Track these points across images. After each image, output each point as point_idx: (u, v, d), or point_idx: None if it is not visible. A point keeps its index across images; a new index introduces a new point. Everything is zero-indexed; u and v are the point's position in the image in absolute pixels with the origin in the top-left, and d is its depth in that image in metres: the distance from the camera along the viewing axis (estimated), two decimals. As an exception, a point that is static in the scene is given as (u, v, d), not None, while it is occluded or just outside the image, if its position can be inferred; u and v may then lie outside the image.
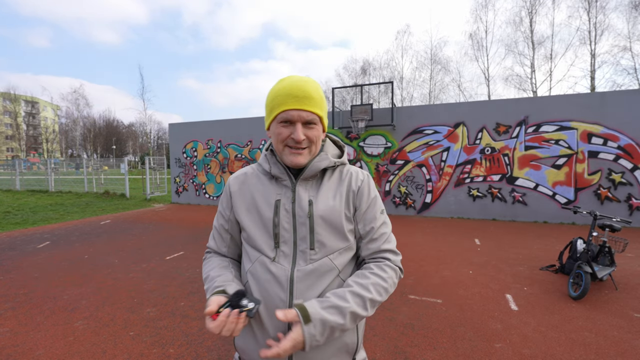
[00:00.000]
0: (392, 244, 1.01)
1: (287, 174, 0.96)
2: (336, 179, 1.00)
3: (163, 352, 2.53)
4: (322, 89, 0.96)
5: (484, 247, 5.62)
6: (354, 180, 1.00)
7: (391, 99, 9.09)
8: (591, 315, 3.10)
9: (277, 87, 0.92)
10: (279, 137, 0.91)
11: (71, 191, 14.93)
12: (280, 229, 0.93)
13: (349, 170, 1.03)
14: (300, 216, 0.93)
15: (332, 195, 0.97)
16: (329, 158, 0.98)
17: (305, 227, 0.92)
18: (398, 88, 26.83)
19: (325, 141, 1.05)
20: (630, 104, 7.18)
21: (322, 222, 0.93)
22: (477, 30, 24.65)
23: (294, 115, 0.88)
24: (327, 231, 0.93)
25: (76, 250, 5.46)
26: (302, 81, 0.91)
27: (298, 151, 0.91)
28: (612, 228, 3.82)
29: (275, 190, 0.97)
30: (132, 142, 61.13)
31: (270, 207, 0.95)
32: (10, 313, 3.17)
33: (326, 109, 0.96)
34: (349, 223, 0.97)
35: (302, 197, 0.94)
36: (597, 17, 19.80)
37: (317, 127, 0.92)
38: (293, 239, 0.93)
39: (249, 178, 1.03)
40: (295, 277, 0.90)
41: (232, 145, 11.24)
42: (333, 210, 0.94)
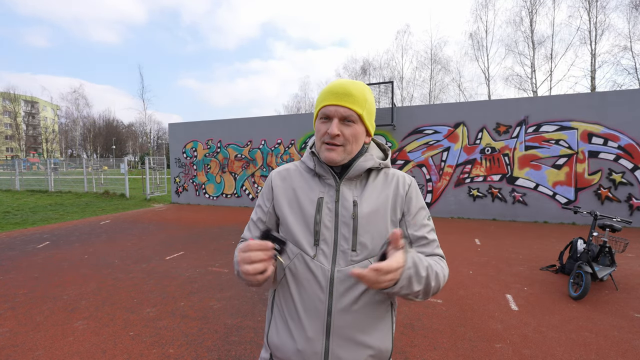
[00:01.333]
0: (441, 250, 0.99)
1: (330, 173, 0.94)
2: (381, 181, 0.98)
3: (163, 352, 2.53)
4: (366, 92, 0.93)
5: (484, 247, 5.62)
6: (401, 183, 0.98)
7: (391, 99, 9.09)
8: (591, 315, 3.10)
9: (326, 87, 0.93)
10: (318, 134, 0.92)
11: (71, 191, 14.92)
12: (321, 226, 0.91)
13: (395, 173, 1.01)
14: (343, 216, 0.91)
15: (376, 197, 0.94)
16: (374, 159, 0.96)
17: (348, 228, 0.90)
18: (398, 88, 26.84)
19: (369, 144, 1.03)
20: (630, 104, 7.18)
21: (366, 223, 0.91)
22: (477, 30, 24.70)
23: (331, 110, 0.88)
24: (370, 233, 0.91)
25: (76, 250, 5.46)
26: (347, 81, 0.92)
27: (332, 147, 0.89)
28: (612, 228, 3.82)
29: (319, 188, 0.95)
30: (132, 142, 61.15)
31: (313, 204, 0.93)
32: (10, 313, 3.17)
33: (372, 110, 0.94)
34: (394, 226, 0.95)
35: (346, 197, 0.93)
36: (598, 17, 19.79)
37: (355, 125, 0.90)
38: (334, 238, 0.91)
39: (292, 174, 1.02)
40: (336, 277, 0.88)
41: (232, 145, 11.23)
42: (378, 212, 0.92)
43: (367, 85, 0.94)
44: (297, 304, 0.91)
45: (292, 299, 0.92)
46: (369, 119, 0.93)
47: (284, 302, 0.96)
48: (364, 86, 0.92)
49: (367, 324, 0.90)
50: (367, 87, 0.93)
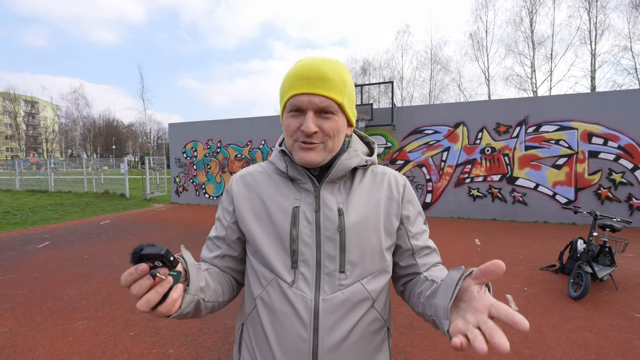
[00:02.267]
0: (439, 255, 0.88)
1: (307, 175, 0.77)
2: (369, 182, 0.82)
3: (163, 352, 2.53)
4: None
5: (484, 247, 5.62)
6: (395, 185, 0.83)
7: (391, 98, 9.09)
8: (591, 315, 3.10)
9: (290, 69, 0.74)
10: (288, 130, 0.73)
11: (71, 191, 14.92)
12: (299, 244, 0.74)
13: (385, 172, 0.85)
14: (327, 229, 0.74)
15: (365, 202, 0.78)
16: (360, 155, 0.79)
17: (333, 244, 0.74)
18: (398, 88, 26.85)
19: (351, 136, 0.86)
20: (630, 104, 7.18)
21: (355, 237, 0.74)
22: (477, 30, 24.74)
23: (303, 101, 0.70)
24: (361, 249, 0.75)
25: (76, 250, 5.46)
26: (318, 60, 0.72)
27: (308, 146, 0.71)
28: (612, 228, 3.82)
29: (293, 195, 0.77)
30: (132, 142, 61.16)
31: (287, 215, 0.75)
32: (10, 313, 3.17)
33: (352, 95, 0.76)
34: (389, 238, 0.80)
35: (329, 205, 0.75)
36: (598, 17, 19.80)
37: (335, 117, 0.72)
38: (316, 257, 0.74)
39: (258, 178, 0.83)
40: (322, 308, 0.71)
41: (232, 145, 11.23)
42: (368, 221, 0.77)
43: (343, 64, 0.76)
44: (273, 344, 0.73)
45: (266, 337, 0.75)
46: (350, 107, 0.76)
47: (254, 341, 0.78)
48: (341, 65, 0.75)
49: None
50: (344, 65, 0.76)
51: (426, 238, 0.85)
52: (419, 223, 0.85)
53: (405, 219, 0.83)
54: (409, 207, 0.84)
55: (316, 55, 0.75)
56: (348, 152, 0.79)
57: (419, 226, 0.84)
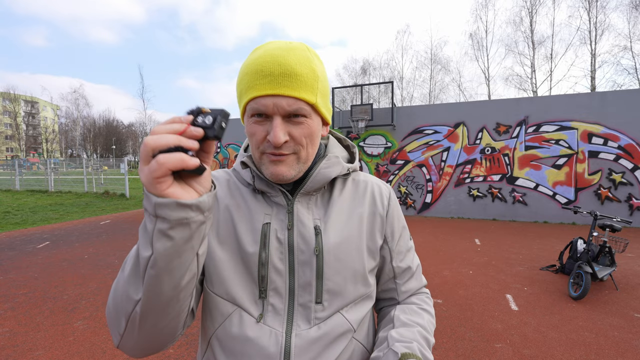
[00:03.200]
0: (422, 275, 0.80)
1: (277, 187, 0.64)
2: (350, 193, 0.71)
3: (162, 352, 2.52)
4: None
5: (484, 247, 5.62)
6: (379, 196, 0.72)
7: (391, 98, 9.09)
8: (591, 315, 3.10)
9: (246, 60, 0.59)
10: (253, 140, 0.60)
11: (71, 191, 14.92)
12: (269, 270, 0.62)
13: (367, 181, 0.74)
14: (302, 251, 0.63)
15: (347, 217, 0.67)
16: (341, 162, 0.68)
17: (309, 269, 0.62)
18: (398, 88, 26.85)
19: (327, 139, 0.74)
20: (630, 104, 7.18)
21: (335, 260, 0.63)
22: (477, 30, 24.72)
23: (267, 104, 0.55)
24: (341, 274, 0.64)
25: (76, 250, 5.46)
26: (281, 49, 0.56)
27: (278, 158, 0.58)
28: (612, 228, 3.82)
29: (262, 209, 0.65)
30: (132, 142, 61.18)
31: (255, 234, 0.63)
32: (10, 313, 3.17)
33: (326, 90, 0.62)
34: (372, 259, 0.69)
35: (304, 221, 0.64)
36: (598, 17, 19.79)
37: (307, 121, 0.59)
38: (288, 285, 0.62)
39: (225, 187, 0.69)
40: (294, 347, 0.60)
41: (232, 145, 11.23)
42: (350, 241, 0.66)
43: (312, 49, 0.62)
44: None
45: None
46: (324, 105, 0.62)
47: None
48: (309, 52, 0.59)
49: None
50: (312, 51, 0.61)
51: (411, 257, 0.76)
52: (404, 240, 0.75)
53: (390, 237, 0.72)
54: (394, 222, 0.73)
55: (277, 41, 0.60)
56: (327, 158, 0.66)
57: (404, 244, 0.75)
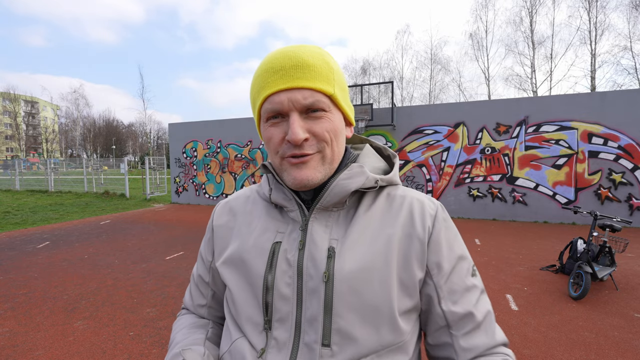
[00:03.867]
0: (499, 328, 0.58)
1: (294, 200, 0.57)
2: (380, 210, 0.57)
3: (163, 352, 2.52)
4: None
5: (484, 247, 5.62)
6: (418, 214, 0.57)
7: (391, 98, 9.10)
8: (591, 315, 3.10)
9: (258, 66, 0.56)
10: (270, 145, 0.55)
11: (71, 191, 14.92)
12: (274, 296, 0.54)
13: (406, 196, 0.59)
14: (310, 276, 0.53)
15: (370, 239, 0.54)
16: (366, 172, 0.56)
17: (317, 299, 0.52)
18: (398, 88, 26.85)
19: (362, 148, 0.66)
20: (630, 104, 7.18)
21: (350, 291, 0.51)
22: (477, 30, 24.72)
23: (282, 101, 0.51)
24: (358, 311, 0.51)
25: (76, 250, 5.46)
26: (294, 47, 0.54)
27: (301, 159, 0.52)
28: (612, 228, 3.82)
29: (276, 226, 0.59)
30: (132, 142, 61.18)
31: (263, 254, 0.56)
32: (10, 313, 3.17)
33: (344, 85, 0.57)
34: (407, 297, 0.54)
35: (316, 241, 0.54)
36: (598, 17, 19.80)
37: (328, 115, 0.53)
38: (295, 318, 0.53)
39: (244, 205, 0.66)
40: None
41: (232, 145, 11.23)
42: (373, 268, 0.52)
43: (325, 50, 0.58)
44: None
45: None
46: (344, 99, 0.57)
47: None
48: (322, 50, 0.56)
49: None
50: (324, 50, 0.57)
51: (472, 300, 0.55)
52: (460, 275, 0.56)
53: (435, 268, 0.55)
54: (441, 249, 0.56)
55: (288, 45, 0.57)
56: (349, 168, 0.56)
57: (459, 280, 0.56)
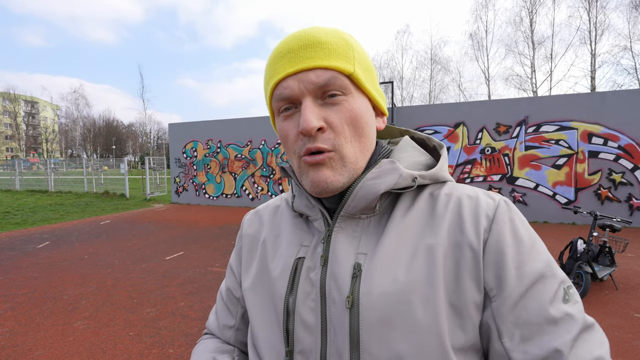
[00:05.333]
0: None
1: (317, 207, 0.49)
2: (421, 216, 0.46)
3: (163, 352, 2.52)
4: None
5: (484, 247, 5.61)
6: (470, 215, 0.44)
7: (391, 99, 9.10)
8: (591, 315, 3.09)
9: (272, 52, 0.48)
10: (288, 144, 0.47)
11: (71, 191, 14.92)
12: (296, 323, 0.45)
13: (452, 194, 0.47)
14: (333, 300, 0.43)
15: (409, 252, 0.43)
16: (399, 169, 0.45)
17: (342, 330, 0.42)
18: (398, 88, 26.85)
19: (399, 141, 0.55)
20: (630, 104, 7.17)
21: (381, 322, 0.40)
22: (477, 30, 24.77)
23: (291, 85, 0.43)
24: (395, 347, 0.40)
25: (76, 250, 5.46)
26: (306, 28, 0.46)
27: (316, 158, 0.43)
28: (612, 228, 3.82)
29: (300, 239, 0.50)
30: (132, 142, 61.19)
31: (286, 271, 0.49)
32: (10, 313, 3.17)
33: (370, 67, 0.48)
34: (460, 329, 0.41)
35: (340, 256, 0.45)
36: (598, 17, 19.80)
37: (348, 99, 0.44)
38: (320, 350, 0.43)
39: (272, 216, 0.58)
40: None
41: (232, 145, 11.23)
42: (412, 291, 0.41)
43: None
44: None
45: None
46: (370, 82, 0.47)
47: None
48: (339, 30, 0.47)
49: None
50: (341, 30, 0.47)
51: (564, 337, 0.38)
52: (536, 299, 0.40)
53: (495, 288, 0.41)
54: (504, 259, 0.41)
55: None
56: (379, 165, 0.46)
57: (536, 306, 0.39)
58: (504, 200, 0.46)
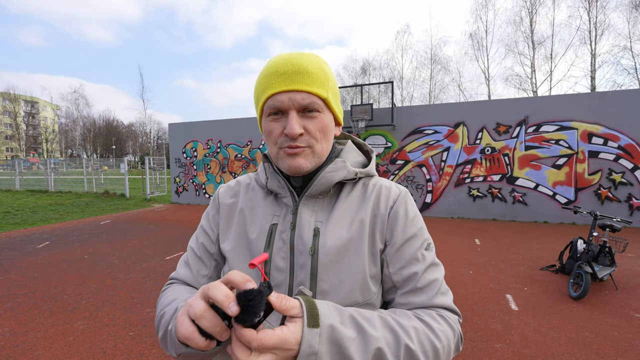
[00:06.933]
0: (447, 297, 0.67)
1: (287, 188, 0.70)
2: (357, 198, 0.71)
3: (163, 352, 2.52)
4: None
5: (484, 247, 5.62)
6: (384, 197, 0.70)
7: (391, 98, 9.09)
8: (591, 315, 3.10)
9: (263, 68, 0.66)
10: (270, 137, 0.66)
11: (71, 191, 14.92)
12: (272, 268, 0.66)
13: (377, 184, 0.73)
14: (300, 252, 0.65)
15: (349, 221, 0.67)
16: (347, 166, 0.69)
17: (304, 269, 0.64)
18: (398, 88, 26.84)
19: (345, 144, 0.78)
20: (630, 104, 7.18)
21: (331, 261, 0.64)
22: (477, 30, 24.71)
23: (283, 100, 0.62)
24: (338, 276, 0.64)
25: (76, 250, 5.46)
26: (294, 54, 0.64)
27: (295, 150, 0.63)
28: (612, 228, 3.82)
29: (273, 210, 0.71)
30: (132, 142, 61.16)
31: (263, 234, 0.68)
32: (10, 313, 3.17)
33: (336, 90, 0.69)
34: (374, 265, 0.67)
35: (304, 223, 0.67)
36: (598, 17, 19.80)
37: (321, 115, 0.64)
38: (289, 283, 0.65)
39: (244, 191, 0.77)
40: None
41: (232, 145, 11.23)
42: (350, 244, 0.65)
43: (321, 57, 0.69)
44: None
45: None
46: (335, 102, 0.68)
47: None
48: (319, 58, 0.67)
49: None
50: (322, 58, 0.68)
51: (415, 269, 0.65)
52: (410, 246, 0.67)
53: (389, 240, 0.67)
54: (395, 225, 0.67)
55: (289, 52, 0.68)
56: (334, 162, 0.69)
57: (409, 250, 0.67)
58: (405, 191, 0.73)
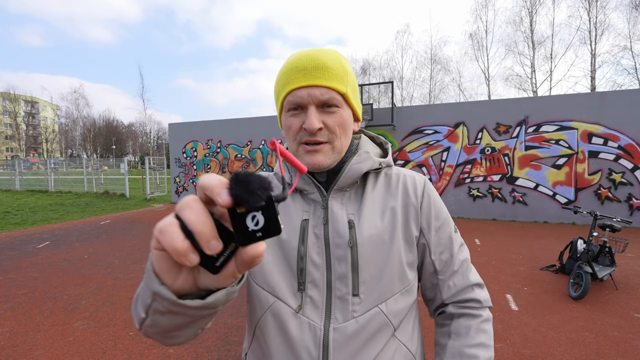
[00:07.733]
0: (475, 272, 0.74)
1: (313, 184, 0.68)
2: (383, 188, 0.72)
3: (163, 352, 2.53)
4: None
5: (484, 247, 5.62)
6: (411, 187, 0.72)
7: (391, 98, 9.09)
8: (591, 315, 3.10)
9: (283, 64, 0.67)
10: (290, 132, 0.65)
11: (71, 191, 14.92)
12: (307, 263, 0.65)
13: (400, 174, 0.74)
14: (337, 245, 0.65)
15: (380, 211, 0.69)
16: (372, 157, 0.69)
17: (344, 262, 0.64)
18: (398, 88, 26.83)
19: (359, 138, 0.78)
20: (630, 104, 7.17)
21: (370, 252, 0.65)
22: (477, 30, 24.75)
23: (302, 95, 0.61)
24: (377, 266, 0.65)
25: (76, 250, 5.46)
26: (314, 50, 0.64)
27: (314, 147, 0.63)
28: (612, 228, 3.82)
29: (301, 207, 0.69)
30: (132, 142, 61.16)
31: (295, 230, 0.67)
32: (10, 313, 3.17)
33: (355, 86, 0.68)
34: (409, 252, 0.69)
35: (338, 217, 0.66)
36: (598, 17, 19.78)
37: (340, 110, 0.64)
38: (326, 278, 0.65)
39: None
40: (332, 341, 0.61)
41: (232, 145, 11.23)
42: (385, 232, 0.67)
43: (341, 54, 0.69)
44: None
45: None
46: (354, 98, 0.67)
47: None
48: (339, 54, 0.67)
49: None
50: (342, 55, 0.68)
51: (453, 251, 0.71)
52: (445, 231, 0.72)
53: (426, 228, 0.70)
54: (430, 212, 0.71)
55: (309, 48, 0.69)
56: (358, 154, 0.69)
57: (444, 235, 0.71)
58: (426, 179, 0.76)
